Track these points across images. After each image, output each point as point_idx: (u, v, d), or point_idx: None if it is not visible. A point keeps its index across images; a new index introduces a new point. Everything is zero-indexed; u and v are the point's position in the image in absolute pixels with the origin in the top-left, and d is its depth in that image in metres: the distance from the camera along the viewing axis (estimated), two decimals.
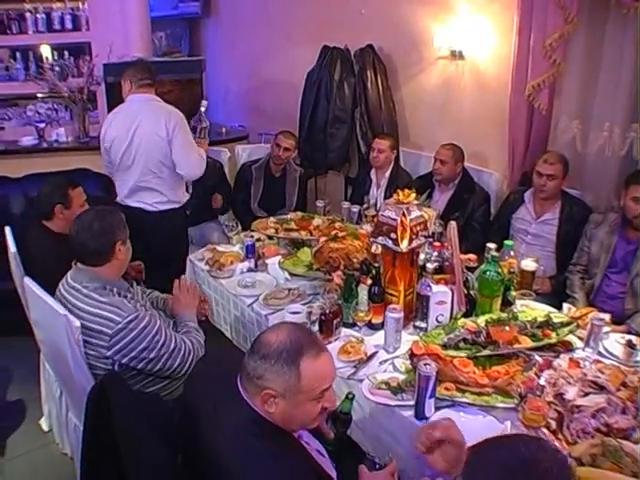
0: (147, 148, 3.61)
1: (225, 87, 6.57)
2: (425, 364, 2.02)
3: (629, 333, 2.76)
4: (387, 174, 4.36)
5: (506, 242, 2.85)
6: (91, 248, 2.37)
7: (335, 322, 2.51)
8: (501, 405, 2.09)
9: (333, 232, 3.15)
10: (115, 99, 4.87)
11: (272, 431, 1.65)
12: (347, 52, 4.83)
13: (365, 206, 3.58)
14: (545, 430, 1.97)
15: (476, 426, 2.02)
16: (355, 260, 2.79)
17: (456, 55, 4.28)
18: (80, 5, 5.67)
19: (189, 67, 5.54)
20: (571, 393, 2.06)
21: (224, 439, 1.63)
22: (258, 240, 3.42)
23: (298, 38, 5.36)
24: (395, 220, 2.45)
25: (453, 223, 2.60)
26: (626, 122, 3.53)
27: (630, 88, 3.47)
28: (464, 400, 2.12)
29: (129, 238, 2.52)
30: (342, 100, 4.77)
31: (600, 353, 2.44)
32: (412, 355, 2.19)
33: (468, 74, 4.29)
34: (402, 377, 2.24)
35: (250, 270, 3.20)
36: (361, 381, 2.26)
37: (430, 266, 2.58)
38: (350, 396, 2.03)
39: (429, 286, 2.49)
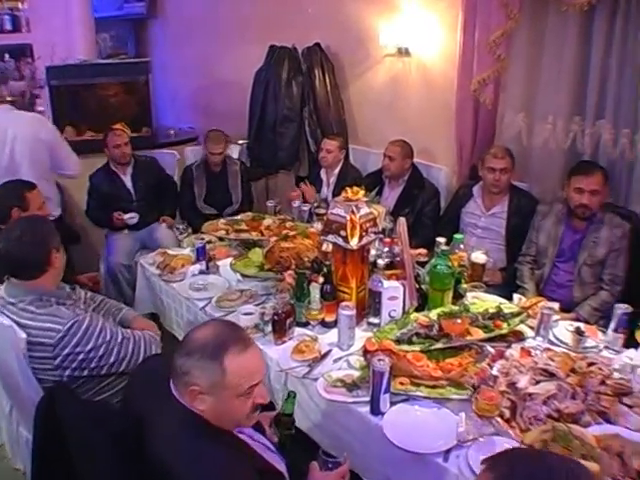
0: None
1: (174, 88, 6.48)
2: (379, 360, 2.02)
3: (577, 320, 2.84)
4: (336, 172, 4.36)
5: (455, 236, 2.89)
6: (26, 262, 2.27)
7: (288, 322, 2.50)
8: (455, 397, 2.12)
9: (284, 232, 3.14)
10: (60, 103, 4.79)
11: (208, 430, 1.63)
12: (295, 51, 4.83)
13: (315, 204, 3.57)
14: (499, 419, 1.99)
15: (432, 419, 2.05)
16: (306, 259, 2.80)
17: (402, 52, 4.31)
18: (20, 5, 5.49)
19: (135, 69, 5.41)
20: (523, 382, 2.09)
21: (163, 442, 1.61)
22: (209, 242, 3.39)
23: (246, 38, 5.32)
24: (344, 218, 2.45)
25: (402, 219, 2.62)
26: (569, 115, 3.61)
27: (571, 82, 3.55)
28: (419, 394, 2.13)
29: None
30: (290, 99, 4.77)
31: (550, 341, 2.49)
32: (366, 351, 2.20)
33: (415, 71, 4.32)
34: (357, 374, 2.25)
35: (202, 273, 3.17)
36: (316, 380, 2.26)
37: (381, 262, 2.59)
38: (292, 395, 2.01)
39: (380, 282, 2.50)
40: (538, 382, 2.10)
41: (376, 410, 2.07)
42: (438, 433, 1.98)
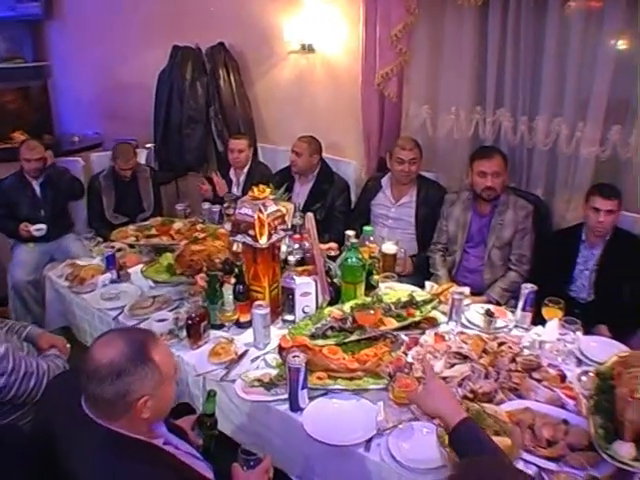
0: None
1: (77, 93, 6.24)
2: (294, 356, 2.01)
3: (489, 303, 2.92)
4: (245, 171, 4.33)
5: (365, 228, 2.91)
6: None
7: (202, 325, 2.46)
8: (373, 387, 2.14)
9: (194, 234, 3.09)
10: None
11: (134, 447, 1.57)
12: (198, 51, 4.75)
13: (226, 205, 3.52)
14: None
15: (351, 410, 2.06)
16: (217, 260, 2.75)
17: (307, 49, 4.32)
18: None
19: (32, 74, 5.20)
20: (438, 366, 2.14)
21: (84, 465, 1.54)
22: (119, 250, 3.29)
23: (149, 38, 5.17)
24: (252, 217, 2.43)
25: (310, 214, 2.62)
26: (471, 105, 3.73)
27: (471, 73, 3.67)
28: (337, 387, 2.14)
29: None
30: (195, 100, 4.70)
31: (463, 325, 2.55)
32: (281, 349, 2.19)
33: (320, 67, 4.34)
34: (274, 372, 2.23)
35: (113, 282, 3.07)
36: (234, 382, 2.23)
37: (292, 259, 2.59)
38: (212, 394, 1.98)
39: (293, 279, 2.49)
40: (453, 365, 2.16)
41: (295, 406, 2.06)
42: (358, 424, 1.98)
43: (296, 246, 2.70)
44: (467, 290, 2.72)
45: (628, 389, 1.84)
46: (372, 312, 2.32)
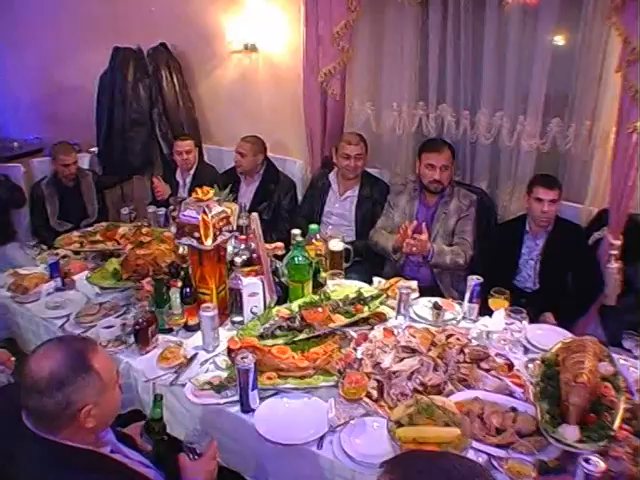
0: None
1: (15, 97, 6.07)
2: (242, 358, 1.99)
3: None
4: (192, 172, 4.29)
5: (311, 227, 2.90)
6: None
7: (150, 330, 2.41)
8: (323, 384, 2.13)
9: (139, 239, 3.03)
10: None
11: (81, 458, 1.53)
12: (140, 52, 4.68)
13: (171, 208, 3.47)
14: (367, 400, 2.03)
15: (302, 409, 2.05)
16: (163, 264, 2.71)
17: (249, 48, 4.30)
18: None
19: None
20: (387, 361, 2.15)
21: None
22: (64, 257, 3.21)
23: (88, 40, 5.04)
24: (196, 219, 2.40)
25: (254, 214, 2.61)
26: (413, 101, 3.77)
27: (413, 69, 3.71)
28: (288, 386, 2.13)
29: None
30: (138, 102, 4.62)
31: (412, 319, 2.57)
32: (230, 351, 2.16)
33: (263, 66, 4.33)
34: (224, 374, 2.21)
35: (58, 290, 2.98)
36: (184, 386, 2.19)
37: (238, 260, 2.57)
38: (158, 397, 1.93)
39: (239, 280, 2.47)
40: (402, 359, 2.16)
41: (246, 408, 2.05)
42: (310, 422, 1.98)
43: (242, 247, 2.69)
44: (414, 284, 2.74)
45: (571, 374, 1.89)
46: (320, 310, 2.32)
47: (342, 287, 2.67)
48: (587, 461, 1.60)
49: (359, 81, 3.92)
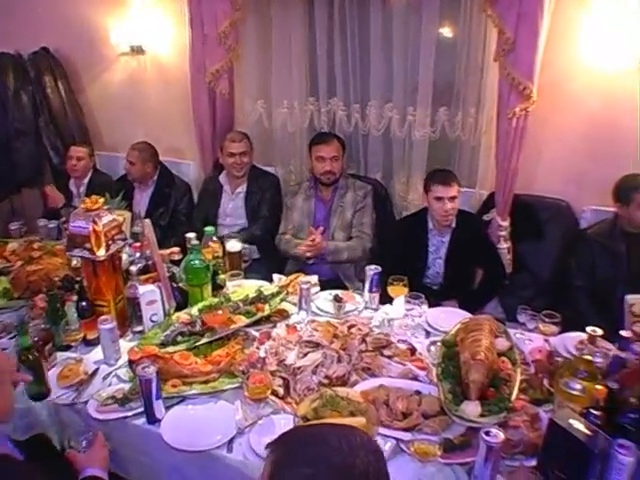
0: None
1: None
2: (143, 367, 1.93)
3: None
4: (85, 181, 4.13)
5: (206, 229, 2.85)
6: None
7: (47, 349, 2.29)
8: (229, 387, 2.09)
9: (30, 254, 2.89)
10: None
11: None
12: (19, 57, 4.42)
13: (63, 219, 3.32)
14: (274, 398, 2.00)
15: (210, 414, 2.00)
16: (56, 279, 2.59)
17: (136, 50, 4.18)
18: None
19: None
20: (291, 357, 2.14)
21: None
22: None
23: None
24: (86, 229, 2.30)
25: (147, 221, 2.55)
26: (304, 97, 3.79)
27: (302, 66, 3.73)
28: (193, 392, 2.07)
29: None
30: (21, 111, 4.38)
31: (314, 313, 2.57)
32: (131, 362, 2.09)
33: (151, 68, 4.23)
34: (127, 387, 2.13)
35: None
36: (87, 403, 2.10)
37: (134, 268, 2.49)
38: (24, 328, 1.98)
39: (137, 288, 2.40)
40: (306, 354, 2.16)
41: (152, 418, 1.98)
42: (218, 426, 1.94)
43: (137, 255, 2.61)
44: (315, 279, 2.75)
45: (470, 353, 1.94)
46: (220, 312, 2.29)
47: (242, 287, 2.65)
48: (488, 434, 1.63)
49: (249, 80, 3.90)
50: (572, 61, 3.28)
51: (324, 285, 2.82)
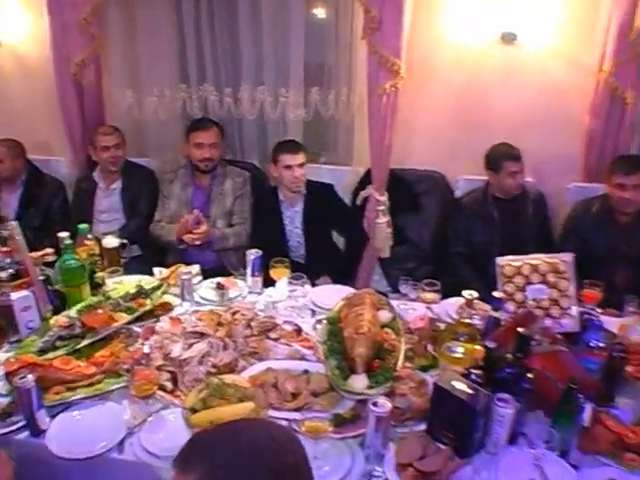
0: None
1: None
2: (20, 378, 1.85)
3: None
4: None
5: (80, 227, 2.74)
6: None
7: None
8: (115, 387, 2.03)
9: None
10: None
11: None
12: None
13: None
14: (162, 393, 1.98)
15: (98, 417, 1.94)
16: None
17: None
18: None
19: None
20: (176, 350, 2.11)
21: None
22: None
23: None
24: None
25: (13, 223, 2.44)
26: (175, 84, 3.71)
27: (171, 52, 3.65)
28: (77, 397, 2.00)
29: None
30: None
31: (198, 303, 2.56)
32: (7, 374, 2.00)
33: (10, 62, 3.97)
34: (7, 400, 2.04)
35: None
36: None
37: (4, 275, 2.37)
38: None
39: (9, 295, 2.28)
40: (191, 345, 2.14)
41: (35, 430, 1.89)
42: (107, 429, 1.88)
43: (7, 260, 2.48)
44: (196, 268, 2.73)
45: (353, 327, 2.00)
46: (100, 311, 2.22)
47: (122, 284, 2.57)
48: (375, 404, 1.69)
49: (116, 69, 3.76)
50: (438, 37, 3.42)
51: (209, 274, 2.80)
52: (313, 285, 2.68)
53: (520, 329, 1.86)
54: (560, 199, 3.48)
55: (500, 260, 2.40)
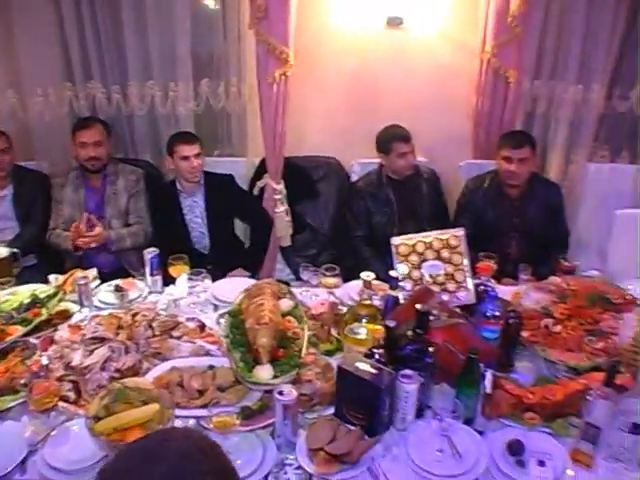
0: None
1: None
2: None
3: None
4: None
5: None
6: None
7: None
8: (13, 404, 1.95)
9: None
10: None
11: None
12: None
13: None
14: (64, 404, 1.91)
15: (7, 439, 1.84)
16: None
17: None
18: None
19: None
20: (77, 358, 2.05)
21: None
22: None
23: None
24: None
25: None
26: (59, 83, 3.57)
27: (53, 50, 3.51)
28: None
29: None
30: None
31: (97, 307, 2.49)
32: None
33: None
34: None
35: None
36: None
37: None
38: None
39: None
40: (92, 352, 2.08)
41: None
42: (7, 449, 1.78)
43: None
44: (93, 272, 2.67)
45: (254, 318, 2.00)
46: None
47: (16, 295, 2.45)
48: (281, 393, 1.71)
49: None
50: (325, 23, 3.47)
51: (108, 277, 2.73)
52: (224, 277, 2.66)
53: (418, 306, 1.91)
54: (453, 177, 3.61)
55: (395, 240, 2.47)
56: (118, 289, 2.51)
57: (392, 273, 2.33)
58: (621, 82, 3.69)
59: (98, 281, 2.64)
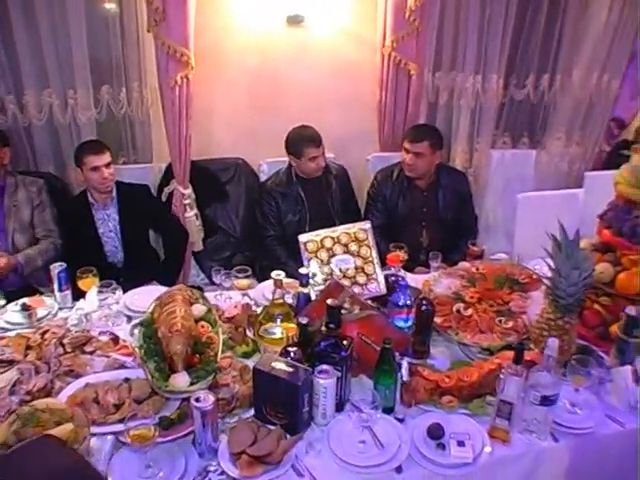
0: None
1: None
2: None
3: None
4: None
5: None
6: None
7: None
8: None
9: None
10: None
11: None
12: None
13: None
14: None
15: None
16: None
17: None
18: None
19: None
20: None
21: None
22: None
23: None
24: None
25: None
26: None
27: None
28: None
29: None
30: None
31: (4, 329, 2.38)
32: None
33: None
34: None
35: None
36: None
37: None
38: None
39: None
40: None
41: None
42: None
43: None
44: None
45: (166, 326, 1.96)
46: None
47: None
48: (197, 400, 1.69)
49: None
50: (226, 23, 3.47)
51: (14, 296, 2.59)
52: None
53: (329, 301, 1.93)
54: (362, 171, 3.68)
55: (302, 237, 2.49)
56: (25, 308, 2.41)
57: (302, 270, 2.34)
58: (517, 72, 3.87)
59: (3, 301, 2.53)
